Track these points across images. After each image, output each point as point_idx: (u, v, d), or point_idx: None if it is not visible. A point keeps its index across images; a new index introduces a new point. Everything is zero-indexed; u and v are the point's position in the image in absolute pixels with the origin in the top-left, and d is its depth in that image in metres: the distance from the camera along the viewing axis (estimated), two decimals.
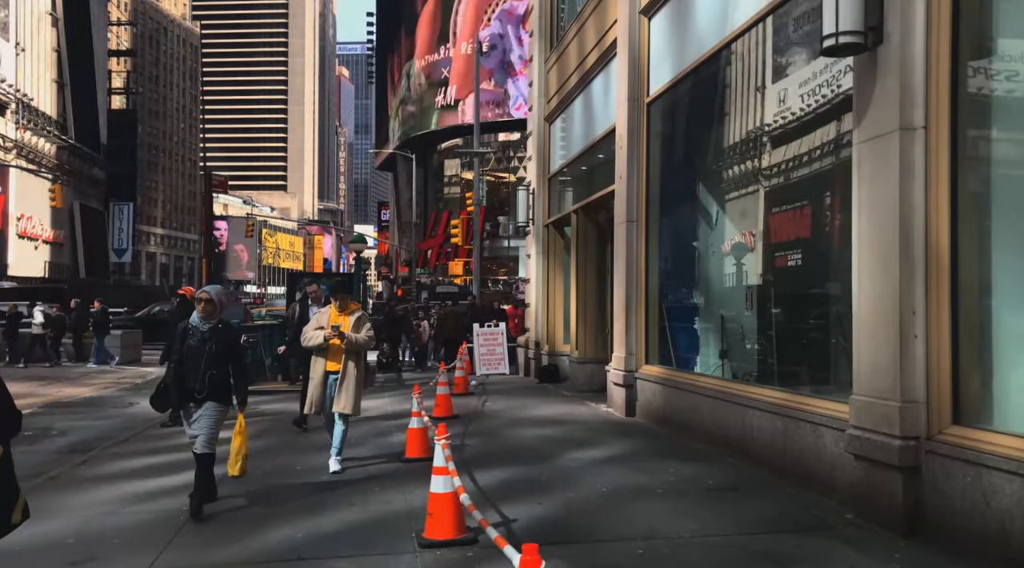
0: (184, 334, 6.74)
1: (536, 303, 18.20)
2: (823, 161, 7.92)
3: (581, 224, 15.02)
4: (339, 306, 8.25)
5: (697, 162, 10.71)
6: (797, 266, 8.21)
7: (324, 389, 8.23)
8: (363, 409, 13.98)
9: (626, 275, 11.69)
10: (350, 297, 8.50)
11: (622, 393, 11.63)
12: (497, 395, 14.75)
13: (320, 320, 8.30)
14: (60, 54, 76.97)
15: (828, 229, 7.58)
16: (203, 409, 6.63)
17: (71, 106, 78.19)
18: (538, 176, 18.23)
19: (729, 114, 9.92)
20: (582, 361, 14.77)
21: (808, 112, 7.95)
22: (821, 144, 7.85)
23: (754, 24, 8.72)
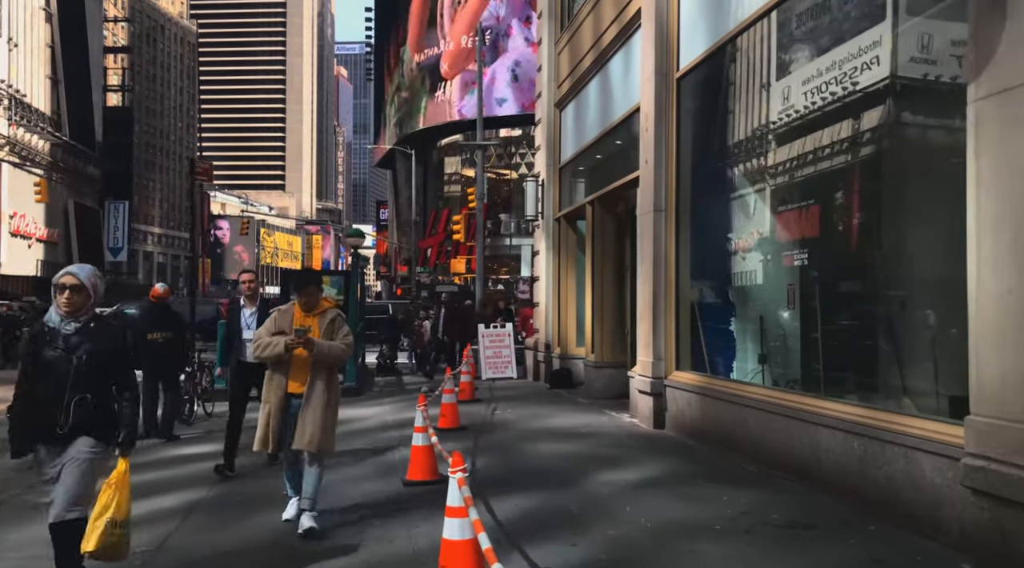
0: (35, 342, 4.53)
1: (546, 302, 17.00)
2: (903, 133, 6.72)
3: (597, 216, 13.82)
4: (304, 305, 6.21)
5: (735, 142, 9.51)
6: (872, 258, 7.00)
7: (283, 418, 6.08)
8: (360, 418, 12.85)
9: (653, 270, 10.48)
10: (319, 293, 6.38)
11: (649, 402, 10.42)
12: (507, 402, 13.55)
13: (279, 322, 6.16)
14: (54, 50, 75.77)
15: (922, 212, 6.35)
16: (69, 454, 4.44)
17: (65, 103, 76.97)
18: (548, 166, 17.02)
19: (774, 88, 8.71)
20: (599, 365, 13.58)
21: (878, 81, 6.74)
22: (897, 115, 6.65)
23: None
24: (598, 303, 13.76)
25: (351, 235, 16.05)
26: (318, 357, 5.99)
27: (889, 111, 6.73)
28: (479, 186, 26.05)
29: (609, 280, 13.74)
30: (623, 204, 13.78)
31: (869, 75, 6.83)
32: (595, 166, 14.67)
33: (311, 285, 6.27)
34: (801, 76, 8.16)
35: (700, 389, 9.29)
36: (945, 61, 5.99)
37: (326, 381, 6.12)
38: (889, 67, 6.61)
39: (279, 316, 6.21)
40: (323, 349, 6.01)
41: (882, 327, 6.76)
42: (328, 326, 6.17)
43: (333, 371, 6.28)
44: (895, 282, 6.66)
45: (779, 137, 8.63)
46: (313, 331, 6.08)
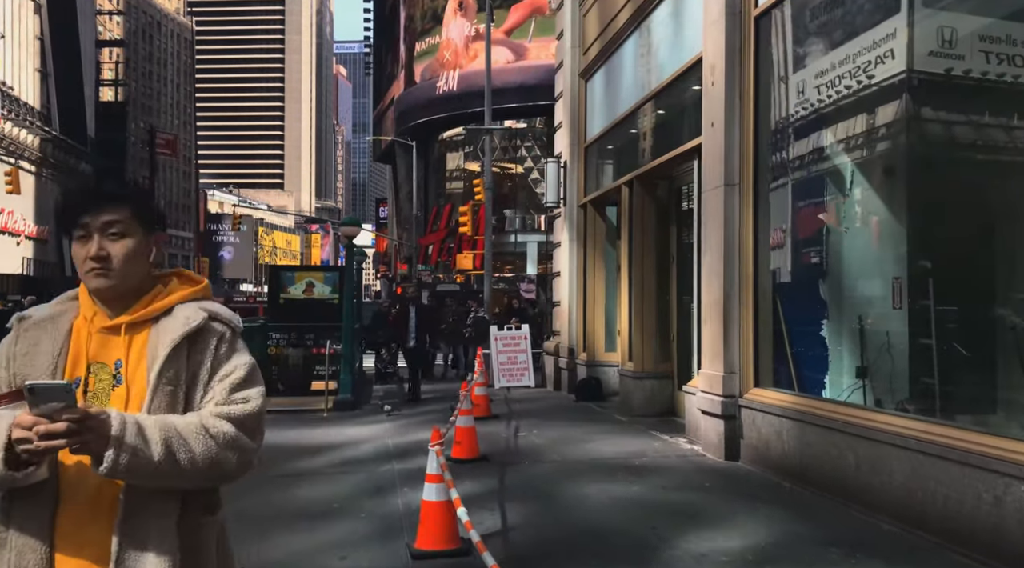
0: None
1: (569, 301, 14.82)
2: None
3: (637, 200, 11.64)
4: (100, 291, 1.99)
5: (835, 96, 7.34)
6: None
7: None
8: (355, 441, 10.66)
9: (724, 261, 8.31)
10: (134, 223, 2.01)
11: (717, 427, 8.26)
12: (530, 420, 11.39)
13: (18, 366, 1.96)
14: (43, 42, 73.60)
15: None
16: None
17: (55, 97, 74.81)
18: (570, 146, 14.85)
19: (893, 28, 6.56)
20: (639, 376, 11.40)
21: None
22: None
23: None
24: (637, 302, 11.59)
25: (346, 224, 13.87)
26: (137, 477, 1.82)
27: None
28: (486, 174, 23.87)
29: (650, 275, 11.57)
30: (667, 184, 11.61)
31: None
32: (631, 141, 12.49)
33: (105, 203, 1.99)
34: (927, 12, 6.04)
35: (798, 414, 7.11)
36: None
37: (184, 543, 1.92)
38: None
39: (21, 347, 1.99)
40: (149, 457, 1.80)
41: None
42: (175, 365, 1.97)
43: (201, 526, 2.00)
44: None
45: (887, 91, 6.50)
46: (130, 384, 1.97)
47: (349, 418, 12.22)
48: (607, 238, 14.16)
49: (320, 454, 9.19)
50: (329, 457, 9.03)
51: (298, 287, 19.13)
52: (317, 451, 9.37)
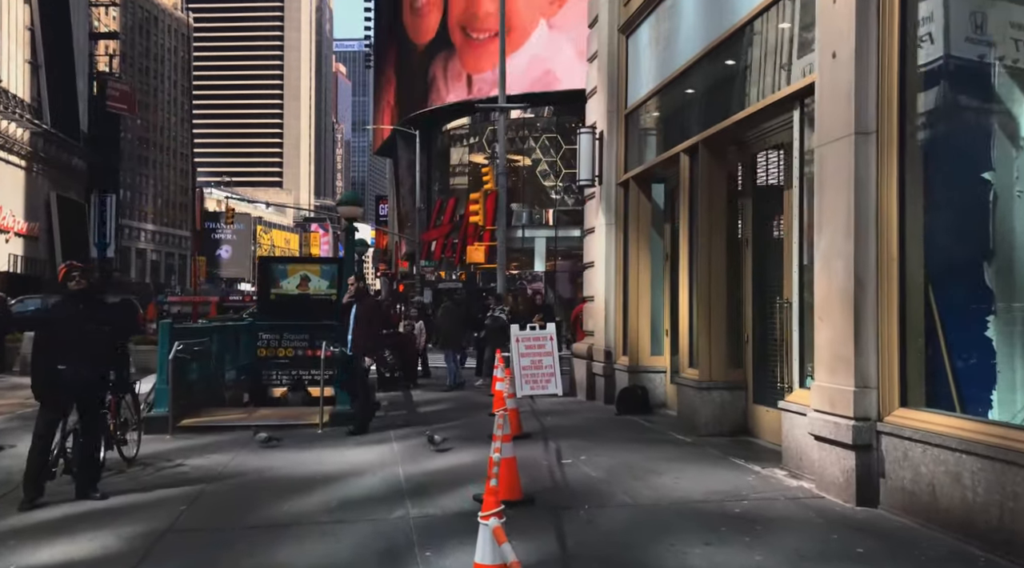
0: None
1: (606, 297, 12.67)
2: None
3: (702, 170, 9.48)
4: None
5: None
6: None
7: None
8: (356, 470, 8.39)
9: (853, 236, 6.17)
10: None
11: (843, 460, 6.12)
12: (570, 440, 9.24)
13: None
14: (34, 33, 71.34)
15: None
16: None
17: (46, 89, 72.55)
18: (607, 114, 12.69)
19: None
20: (705, 386, 9.25)
21: None
22: None
23: None
24: (701, 297, 9.43)
25: (344, 202, 11.64)
26: None
27: None
28: (500, 158, 21.78)
29: (718, 263, 9.41)
30: (737, 151, 9.47)
31: None
32: (692, 100, 10.33)
33: None
34: None
35: (994, 450, 4.97)
36: None
37: None
38: None
39: None
40: None
41: None
42: None
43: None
44: None
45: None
46: None
47: (348, 436, 10.07)
48: (653, 220, 12.01)
49: (311, 491, 7.06)
50: (323, 495, 6.89)
51: (291, 281, 16.99)
52: (308, 486, 7.24)
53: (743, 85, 8.86)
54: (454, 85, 47.91)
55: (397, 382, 16.12)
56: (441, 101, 48.49)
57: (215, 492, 7.14)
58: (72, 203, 75.83)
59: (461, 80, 47.81)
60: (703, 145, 9.45)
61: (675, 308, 11.45)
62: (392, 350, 16.30)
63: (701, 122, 9.77)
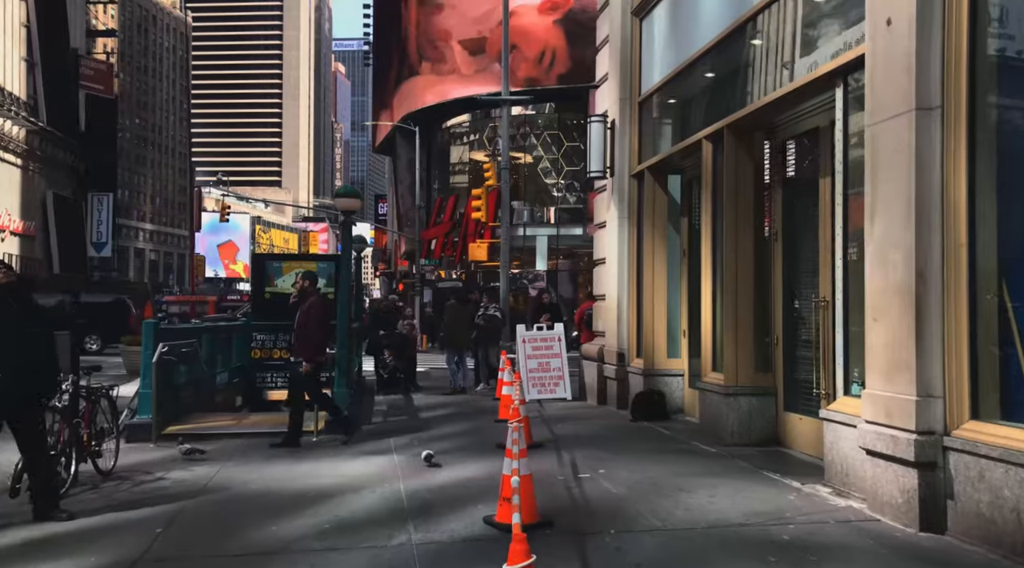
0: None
1: (619, 295, 11.95)
2: None
3: (727, 158, 8.76)
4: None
5: None
6: None
7: None
8: (351, 485, 7.44)
9: (914, 225, 5.46)
10: None
11: (903, 478, 5.41)
12: (586, 450, 8.52)
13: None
14: (30, 30, 70.54)
15: None
16: None
17: (42, 87, 71.77)
18: (619, 102, 11.97)
19: None
20: (732, 392, 8.53)
21: None
22: None
23: None
24: (727, 295, 8.70)
25: (341, 194, 10.90)
26: None
27: None
28: (503, 152, 21.03)
29: (744, 259, 8.69)
30: (763, 138, 8.75)
31: None
32: (715, 84, 9.60)
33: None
34: None
35: None
36: None
37: None
38: None
39: None
40: None
41: None
42: None
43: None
44: None
45: None
46: None
47: (346, 445, 9.35)
48: (670, 214, 11.29)
49: (303, 510, 6.34)
50: (315, 516, 6.17)
51: (287, 280, 16.25)
52: (299, 504, 6.52)
53: (774, 64, 8.15)
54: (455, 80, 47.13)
55: (398, 384, 15.41)
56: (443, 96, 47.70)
57: (196, 511, 6.43)
58: (69, 202, 75.02)
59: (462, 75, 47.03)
60: (728, 131, 8.72)
61: (694, 307, 10.74)
62: (392, 351, 15.61)
63: (725, 106, 9.05)
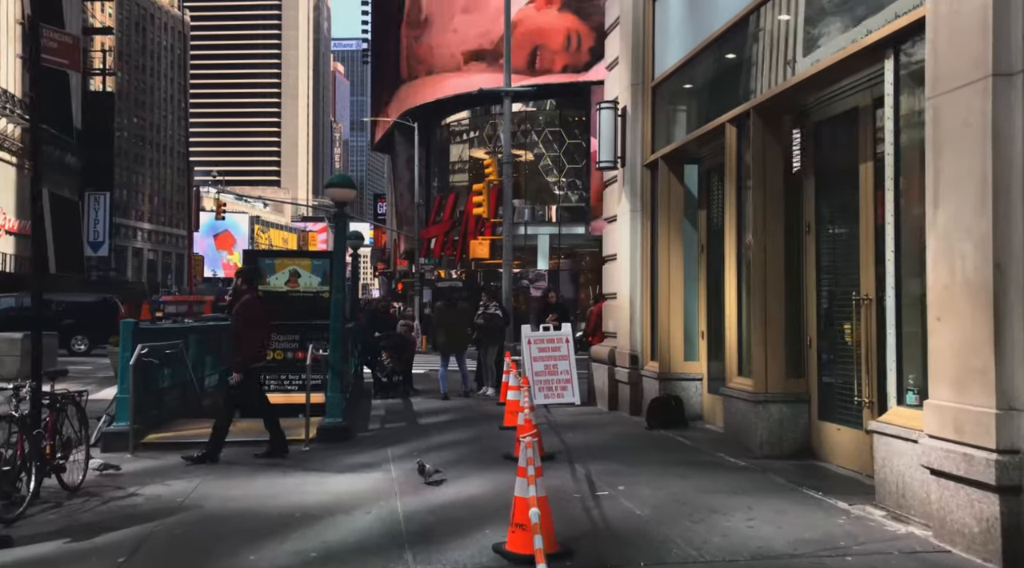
0: None
1: (631, 293, 11.20)
2: None
3: (754, 142, 8.01)
4: None
5: None
6: None
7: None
8: (341, 504, 5.75)
9: (991, 210, 4.74)
10: None
11: (982, 504, 4.68)
12: (602, 463, 7.77)
13: None
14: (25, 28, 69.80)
15: None
16: None
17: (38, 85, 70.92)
18: (631, 88, 11.22)
19: None
20: (761, 399, 7.79)
21: None
22: None
23: None
24: (756, 293, 7.96)
25: (334, 184, 10.09)
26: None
27: None
28: (505, 146, 20.30)
29: (774, 253, 7.95)
30: (794, 120, 8.01)
31: None
32: (737, 65, 8.86)
33: None
34: None
35: None
36: None
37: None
38: None
39: None
40: None
41: None
42: None
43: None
44: None
45: None
46: None
47: (338, 454, 8.61)
48: (685, 207, 10.54)
49: (286, 534, 5.59)
50: (300, 541, 5.44)
51: (279, 277, 15.53)
52: (282, 527, 5.77)
53: (807, 39, 7.40)
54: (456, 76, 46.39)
55: (396, 388, 14.65)
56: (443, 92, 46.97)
57: (168, 535, 5.68)
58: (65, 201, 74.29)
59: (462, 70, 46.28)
60: (755, 114, 7.98)
61: (714, 307, 10.03)
62: (389, 353, 14.85)
63: (751, 88, 8.31)
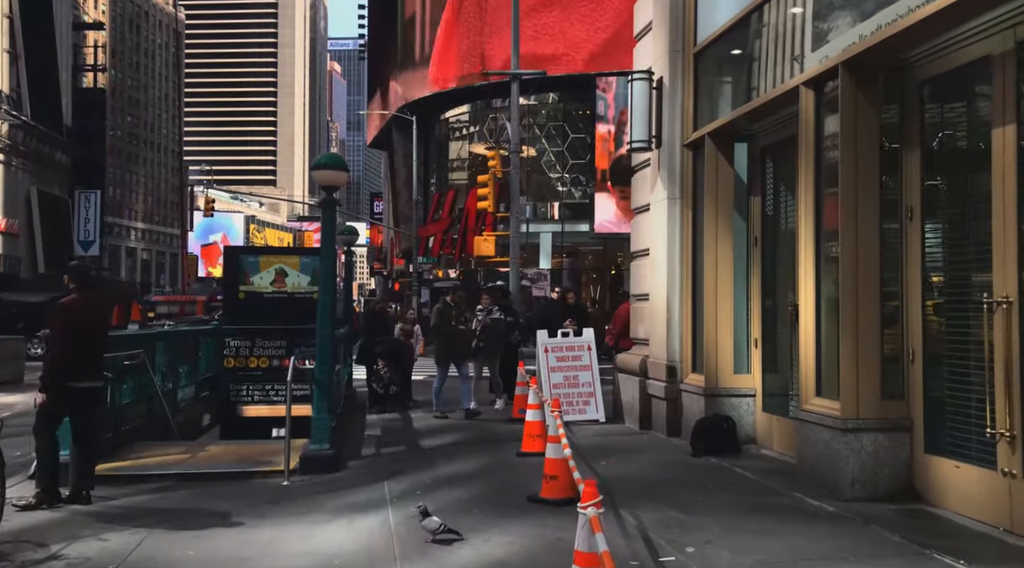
0: None
1: (668, 294, 9.61)
2: None
3: (845, 107, 6.40)
4: None
5: None
6: None
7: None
8: (324, 561, 4.96)
9: None
10: None
11: None
12: (653, 509, 6.18)
13: None
14: (13, 21, 68.09)
15: None
16: None
17: (26, 80, 69.29)
18: (670, 55, 9.63)
19: None
20: (852, 426, 6.21)
21: None
22: None
23: None
24: (846, 295, 6.37)
25: (321, 165, 8.45)
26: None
27: None
28: (512, 134, 18.76)
29: (868, 243, 6.36)
30: (895, 77, 6.43)
31: None
32: (813, 14, 7.24)
33: None
34: None
35: None
36: None
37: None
38: None
39: None
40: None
41: None
42: None
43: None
44: None
45: None
46: None
47: (324, 491, 7.03)
48: (736, 193, 8.96)
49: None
50: None
51: (264, 276, 14.03)
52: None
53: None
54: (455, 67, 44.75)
55: (393, 400, 13.05)
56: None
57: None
58: (55, 199, 72.74)
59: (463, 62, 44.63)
60: (844, 70, 6.38)
61: (769, 309, 8.46)
62: (386, 361, 13.23)
63: (833, 40, 6.71)
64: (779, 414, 8.28)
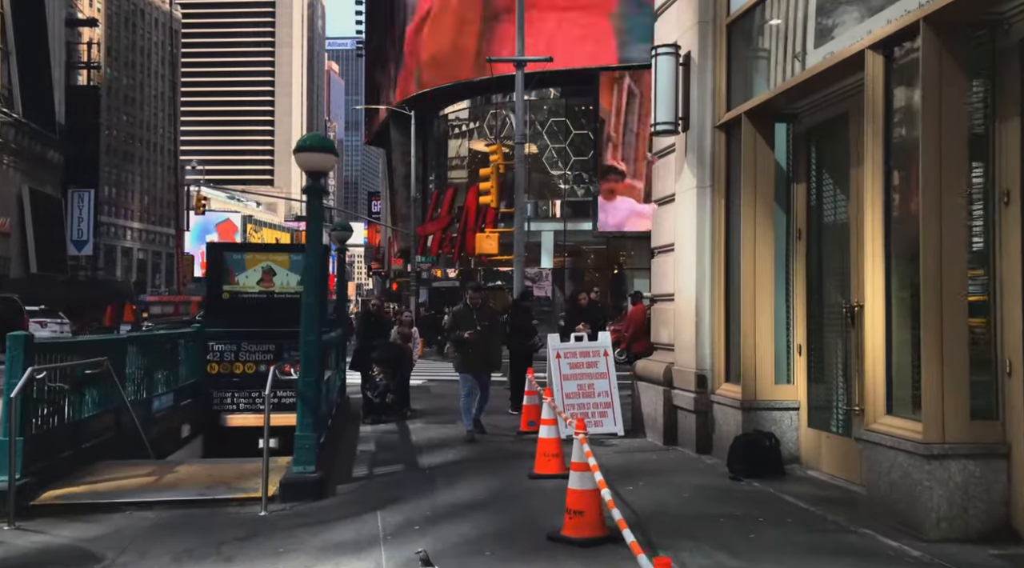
0: None
1: (698, 294, 8.58)
2: None
3: (927, 72, 5.37)
4: None
5: None
6: None
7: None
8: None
9: None
10: None
11: None
12: (694, 550, 5.16)
13: None
14: (4, 17, 67.04)
15: None
16: None
17: (17, 77, 68.24)
18: (699, 27, 8.61)
19: None
20: (938, 453, 5.18)
21: None
22: None
23: None
24: (929, 298, 5.34)
25: (304, 148, 7.36)
26: None
27: None
28: (517, 126, 17.74)
29: (954, 233, 5.34)
30: (986, 35, 5.40)
31: None
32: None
33: None
34: None
35: None
36: None
37: None
38: None
39: None
40: None
41: None
42: None
43: None
44: None
45: None
46: None
47: (307, 526, 5.99)
48: (777, 180, 7.92)
49: None
50: None
51: (251, 275, 13.04)
52: None
53: None
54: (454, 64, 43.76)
55: (389, 409, 12.00)
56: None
57: None
58: (47, 198, 71.66)
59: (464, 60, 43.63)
60: (927, 27, 5.35)
61: (815, 312, 7.43)
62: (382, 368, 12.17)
63: None
64: (828, 430, 7.26)
